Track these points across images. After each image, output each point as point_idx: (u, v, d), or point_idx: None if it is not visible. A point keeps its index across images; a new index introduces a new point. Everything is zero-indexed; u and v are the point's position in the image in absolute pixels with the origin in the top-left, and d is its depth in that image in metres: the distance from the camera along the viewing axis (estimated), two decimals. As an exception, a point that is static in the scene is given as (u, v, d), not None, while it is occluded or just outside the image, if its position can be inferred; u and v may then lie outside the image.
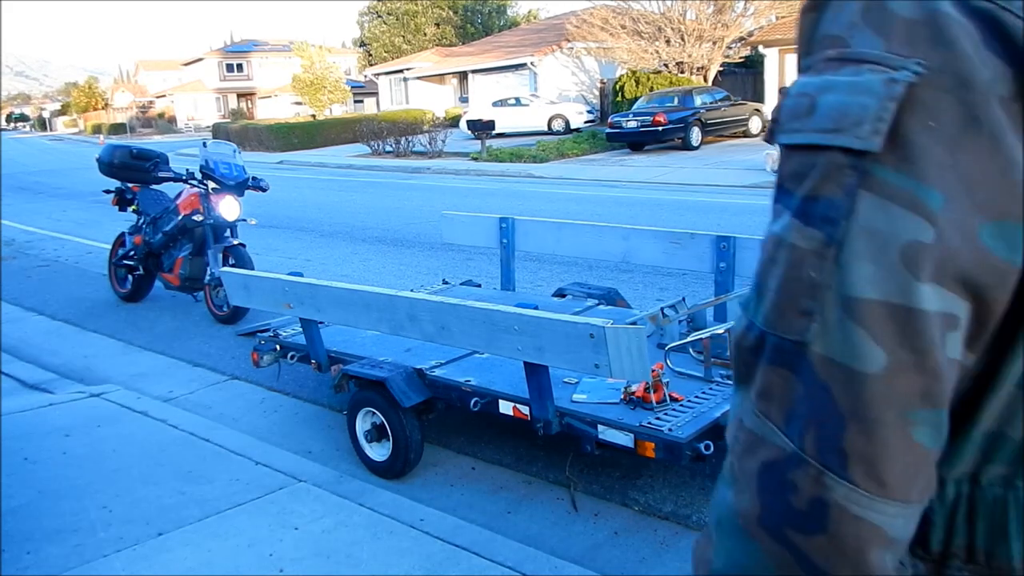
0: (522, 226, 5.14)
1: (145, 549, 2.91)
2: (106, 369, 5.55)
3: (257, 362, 4.47)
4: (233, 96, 59.66)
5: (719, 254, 4.18)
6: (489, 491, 3.56)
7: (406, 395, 3.50)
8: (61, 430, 4.09)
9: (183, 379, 5.26)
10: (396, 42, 49.17)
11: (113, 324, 6.72)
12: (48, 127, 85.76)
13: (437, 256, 8.78)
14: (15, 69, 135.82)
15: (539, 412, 3.18)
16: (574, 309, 4.42)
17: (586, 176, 16.70)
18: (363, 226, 11.28)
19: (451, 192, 15.38)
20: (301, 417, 4.54)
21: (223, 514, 3.16)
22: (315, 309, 3.76)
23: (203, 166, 6.45)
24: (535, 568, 2.72)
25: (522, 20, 50.94)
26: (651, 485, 3.50)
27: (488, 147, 21.48)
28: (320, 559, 2.81)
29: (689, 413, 3.10)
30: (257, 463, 3.63)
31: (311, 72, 40.39)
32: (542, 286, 6.94)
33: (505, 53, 32.84)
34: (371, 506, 3.18)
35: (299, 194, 15.80)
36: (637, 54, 25.07)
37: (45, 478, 3.53)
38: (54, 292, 8.01)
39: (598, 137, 22.10)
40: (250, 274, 4.29)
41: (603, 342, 2.66)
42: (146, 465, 3.66)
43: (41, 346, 6.18)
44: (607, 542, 3.10)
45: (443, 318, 3.18)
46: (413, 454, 3.61)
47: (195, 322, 6.60)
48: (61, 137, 61.78)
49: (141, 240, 7.00)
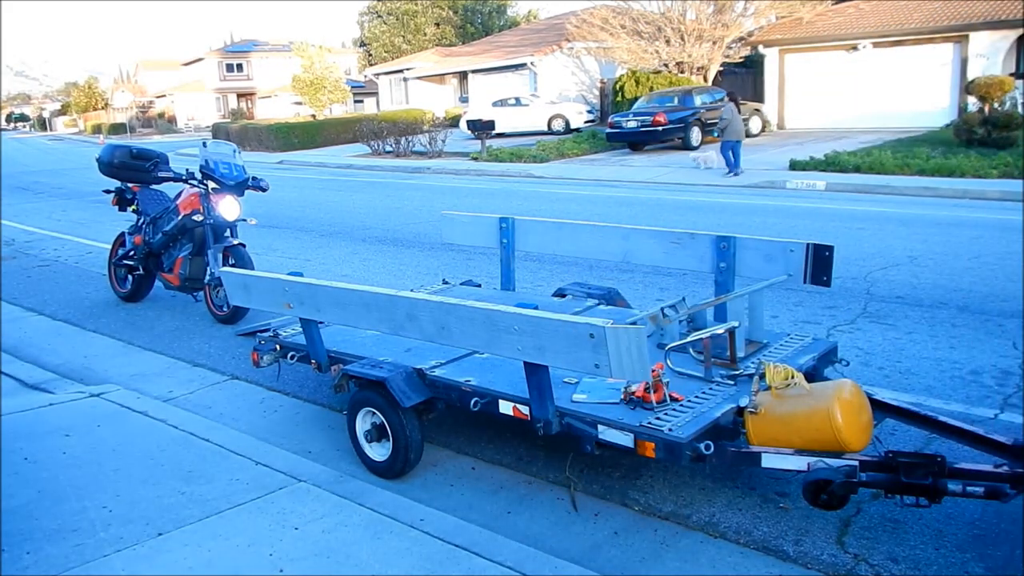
0: (522, 226, 5.14)
1: (145, 549, 2.91)
2: (106, 369, 5.55)
3: (257, 362, 4.47)
4: (233, 96, 59.66)
5: (719, 254, 4.18)
6: (489, 491, 3.56)
7: (406, 395, 3.50)
8: (61, 430, 4.09)
9: (183, 379, 5.26)
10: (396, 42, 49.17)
11: (113, 324, 6.72)
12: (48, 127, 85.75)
13: (437, 256, 8.78)
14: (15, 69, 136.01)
15: (539, 412, 3.17)
16: (574, 309, 4.42)
17: (586, 176, 16.69)
18: (363, 226, 11.28)
19: (451, 192, 15.38)
20: (301, 417, 4.53)
21: (223, 514, 3.16)
22: (315, 309, 3.76)
23: (203, 166, 6.45)
24: (535, 568, 2.72)
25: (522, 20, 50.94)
26: (651, 485, 3.50)
27: (488, 147, 21.48)
28: (320, 559, 2.81)
29: (689, 413, 3.10)
30: (257, 463, 3.62)
31: (311, 72, 40.38)
32: (542, 286, 6.94)
33: (505, 53, 32.85)
34: (371, 506, 3.18)
35: (299, 194, 15.79)
36: (637, 54, 25.07)
37: (45, 478, 3.53)
38: (54, 292, 8.01)
39: (598, 137, 22.11)
40: (250, 274, 4.29)
41: (603, 342, 2.66)
42: (146, 465, 3.66)
43: (41, 346, 6.18)
44: (607, 542, 3.10)
45: (443, 318, 3.18)
46: (413, 454, 3.61)
47: (195, 322, 6.60)
48: (61, 137, 61.78)
49: (141, 240, 7.00)
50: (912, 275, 6.96)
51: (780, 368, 3.14)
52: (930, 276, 6.89)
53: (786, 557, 2.92)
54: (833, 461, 2.80)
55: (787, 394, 3.05)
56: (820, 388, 3.07)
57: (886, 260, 7.61)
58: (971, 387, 4.42)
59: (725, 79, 25.39)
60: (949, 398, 4.28)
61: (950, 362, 4.82)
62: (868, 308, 6.04)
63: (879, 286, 6.66)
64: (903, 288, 6.56)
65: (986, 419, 3.95)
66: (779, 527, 3.11)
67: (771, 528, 3.11)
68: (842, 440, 2.86)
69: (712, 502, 3.34)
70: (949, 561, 2.83)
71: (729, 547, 3.02)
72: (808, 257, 3.86)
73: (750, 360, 3.63)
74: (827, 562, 2.87)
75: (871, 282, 6.80)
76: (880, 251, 8.03)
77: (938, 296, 6.27)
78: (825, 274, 3.84)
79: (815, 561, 2.88)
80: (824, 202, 11.98)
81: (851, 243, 8.44)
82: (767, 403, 3.05)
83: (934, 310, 5.91)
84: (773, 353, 3.75)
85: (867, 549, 2.92)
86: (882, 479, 2.76)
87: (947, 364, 4.79)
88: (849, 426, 2.88)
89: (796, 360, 3.63)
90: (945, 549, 2.91)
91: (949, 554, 2.87)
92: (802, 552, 2.94)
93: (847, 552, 2.92)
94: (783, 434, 2.98)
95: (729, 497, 3.37)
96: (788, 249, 3.94)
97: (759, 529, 3.11)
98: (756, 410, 3.05)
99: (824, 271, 3.84)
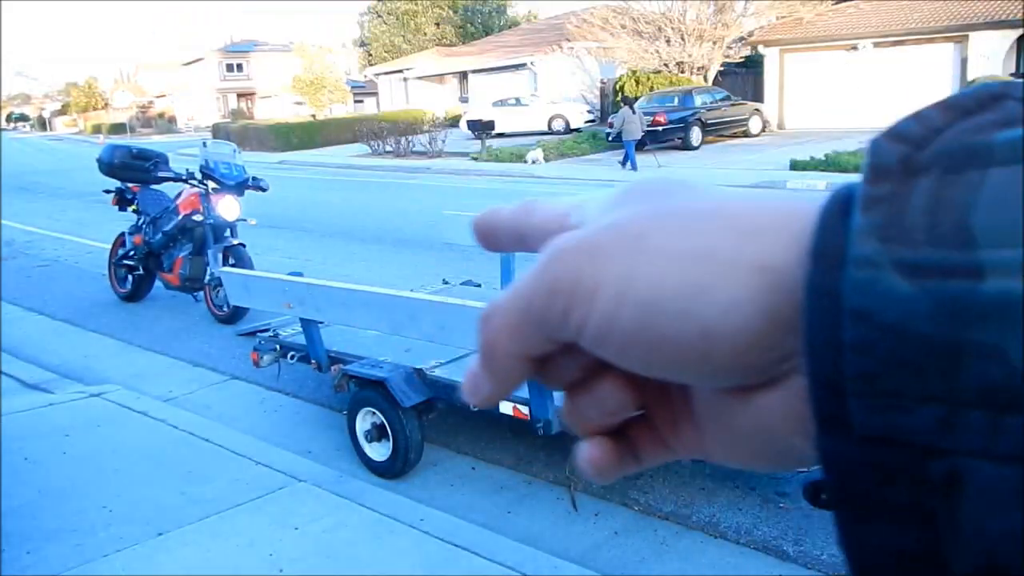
0: (522, 226, 5.13)
1: (145, 549, 2.91)
2: (106, 369, 5.55)
3: (257, 362, 4.46)
4: (233, 96, 59.64)
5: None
6: (489, 491, 3.56)
7: (406, 395, 3.50)
8: (61, 430, 4.09)
9: (183, 379, 5.26)
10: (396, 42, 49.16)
11: (113, 324, 6.72)
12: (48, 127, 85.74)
13: (437, 256, 8.78)
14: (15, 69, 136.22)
15: (539, 412, 3.17)
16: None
17: (586, 176, 16.70)
18: (363, 226, 11.27)
19: (451, 192, 15.38)
20: (301, 417, 4.53)
21: (223, 514, 3.16)
22: (315, 309, 3.76)
23: (203, 166, 6.45)
24: (535, 568, 2.72)
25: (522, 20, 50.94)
26: (651, 485, 3.50)
27: (488, 147, 21.47)
28: (320, 559, 2.81)
29: (689, 413, 3.09)
30: (257, 463, 3.62)
31: (311, 72, 40.39)
32: (542, 286, 6.94)
33: (505, 53, 32.84)
34: (371, 506, 3.18)
35: (299, 194, 15.79)
36: (637, 54, 25.06)
37: (45, 478, 3.53)
38: (54, 292, 8.00)
39: (598, 137, 22.10)
40: (250, 274, 4.29)
41: (603, 342, 2.65)
42: (146, 465, 3.66)
43: (41, 346, 6.18)
44: (607, 542, 3.10)
45: (443, 318, 3.18)
46: (413, 454, 3.61)
47: (195, 322, 6.60)
48: (61, 137, 61.79)
49: (141, 240, 7.00)
50: (912, 275, 6.96)
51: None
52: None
53: (786, 557, 2.92)
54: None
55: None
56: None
57: (886, 260, 7.62)
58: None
59: (725, 79, 25.39)
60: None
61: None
62: (868, 308, 6.04)
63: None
64: (903, 288, 6.56)
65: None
66: (779, 527, 3.11)
67: (771, 528, 3.11)
68: (842, 440, 2.86)
69: (712, 502, 3.34)
70: (949, 561, 2.83)
71: (729, 547, 3.02)
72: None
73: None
74: (827, 562, 2.87)
75: (871, 282, 6.81)
76: (880, 251, 8.04)
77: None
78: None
79: (815, 561, 2.88)
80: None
81: (851, 243, 8.43)
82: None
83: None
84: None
85: (867, 549, 2.92)
86: (882, 479, 2.76)
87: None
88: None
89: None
90: (945, 549, 2.90)
91: (949, 554, 2.87)
92: (802, 552, 2.94)
93: (847, 552, 2.92)
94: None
95: (729, 497, 3.37)
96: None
97: (759, 529, 3.11)
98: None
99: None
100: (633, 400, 0.29)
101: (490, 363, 0.28)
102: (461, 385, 0.31)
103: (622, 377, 0.28)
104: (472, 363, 0.29)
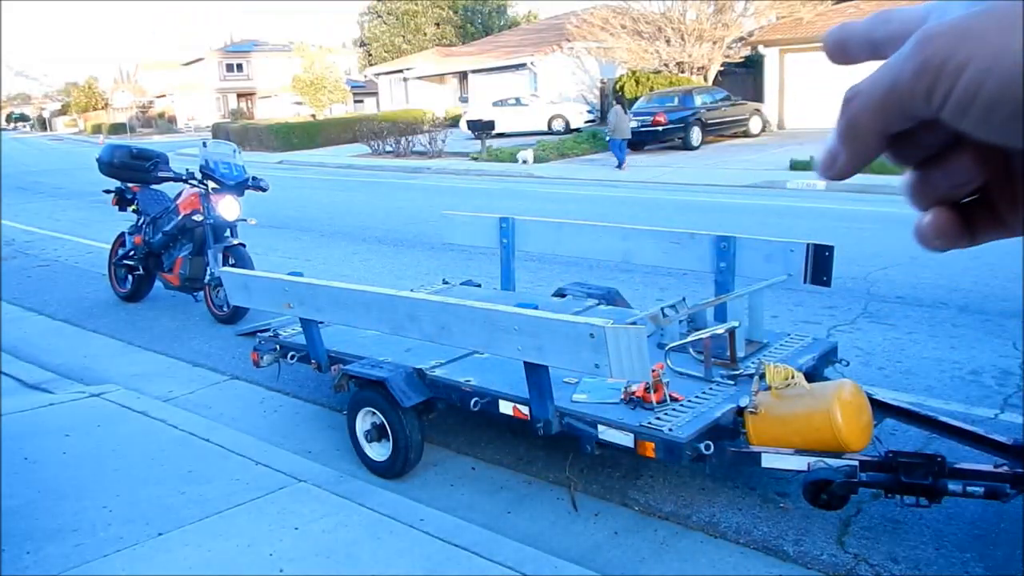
0: (522, 226, 5.14)
1: (145, 549, 2.91)
2: (106, 369, 5.55)
3: (257, 362, 4.46)
4: (233, 96, 59.61)
5: (719, 254, 4.18)
6: (489, 491, 3.56)
7: (406, 395, 3.50)
8: (61, 430, 4.09)
9: (183, 379, 5.26)
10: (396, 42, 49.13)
11: (113, 324, 6.72)
12: (48, 127, 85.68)
13: (437, 256, 8.78)
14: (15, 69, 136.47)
15: (539, 412, 3.17)
16: (574, 309, 4.42)
17: (586, 176, 16.69)
18: (363, 226, 11.27)
19: (451, 192, 15.38)
20: (301, 417, 4.53)
21: (223, 514, 3.16)
22: (315, 309, 3.76)
23: (203, 166, 6.45)
24: (535, 568, 2.72)
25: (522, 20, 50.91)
26: (651, 485, 3.50)
27: (488, 147, 21.47)
28: (320, 559, 2.81)
29: (689, 413, 3.10)
30: (257, 463, 3.62)
31: (311, 72, 40.37)
32: (542, 286, 6.94)
33: (505, 53, 32.83)
34: (371, 506, 3.18)
35: (299, 194, 15.79)
36: (637, 54, 25.05)
37: (45, 478, 3.53)
38: (54, 292, 8.00)
39: (598, 137, 22.10)
40: (250, 274, 4.29)
41: (603, 342, 2.66)
42: (146, 465, 3.66)
43: (41, 346, 6.18)
44: (607, 542, 3.10)
45: (443, 318, 3.18)
46: (413, 454, 3.61)
47: (195, 322, 6.60)
48: (61, 137, 61.77)
49: (141, 240, 7.00)
50: (912, 275, 6.95)
51: (780, 368, 3.14)
52: (930, 276, 6.88)
53: (786, 557, 2.92)
54: (833, 461, 2.80)
55: (787, 394, 3.05)
56: (820, 388, 3.07)
57: (886, 260, 7.61)
58: (971, 387, 4.42)
59: (725, 79, 25.37)
60: (949, 398, 4.27)
61: (950, 362, 4.82)
62: (868, 308, 6.04)
63: (879, 286, 6.66)
64: (903, 288, 6.56)
65: (986, 419, 3.95)
66: (779, 527, 3.11)
67: (771, 528, 3.11)
68: (842, 440, 2.86)
69: (712, 502, 3.33)
70: (949, 561, 2.83)
71: (729, 547, 3.02)
72: (808, 257, 3.86)
73: (750, 360, 3.63)
74: (827, 562, 2.87)
75: (871, 282, 6.80)
76: (880, 251, 8.03)
77: (938, 296, 6.26)
78: (825, 274, 3.84)
79: (815, 561, 2.88)
80: (824, 202, 11.98)
81: (851, 243, 8.43)
82: (767, 403, 3.05)
83: (934, 310, 5.91)
84: (773, 353, 3.75)
85: (867, 549, 2.92)
86: (882, 479, 2.76)
87: (947, 364, 4.79)
88: (849, 426, 2.88)
89: (796, 360, 3.63)
90: (945, 549, 2.90)
91: (949, 554, 2.87)
92: (802, 552, 2.94)
93: (847, 552, 2.92)
94: (783, 434, 2.98)
95: (729, 497, 3.37)
96: (788, 249, 3.94)
97: (759, 529, 3.11)
98: (756, 410, 3.05)
99: (824, 271, 3.84)
100: (981, 173, 0.33)
101: (852, 139, 0.33)
102: (816, 161, 0.35)
103: (974, 151, 0.32)
104: (828, 141, 0.34)
